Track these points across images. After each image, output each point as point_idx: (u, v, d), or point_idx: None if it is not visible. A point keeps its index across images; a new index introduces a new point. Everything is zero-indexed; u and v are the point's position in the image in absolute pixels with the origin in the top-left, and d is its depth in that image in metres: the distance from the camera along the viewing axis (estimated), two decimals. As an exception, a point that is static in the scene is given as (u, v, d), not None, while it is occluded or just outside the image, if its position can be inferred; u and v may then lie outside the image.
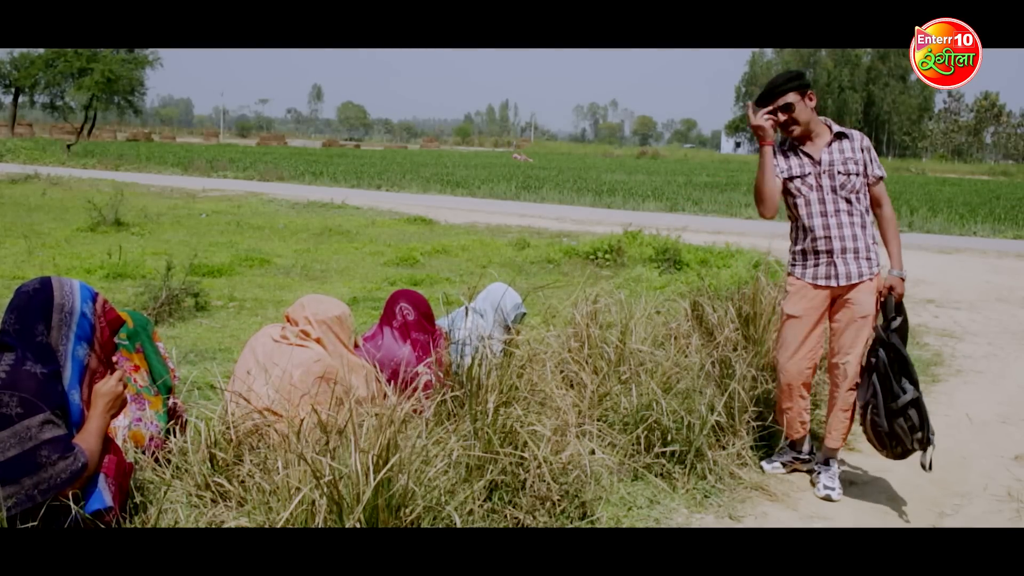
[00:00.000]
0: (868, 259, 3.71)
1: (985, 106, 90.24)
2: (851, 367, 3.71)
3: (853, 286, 3.71)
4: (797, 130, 3.72)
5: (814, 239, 3.74)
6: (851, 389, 3.73)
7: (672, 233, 10.12)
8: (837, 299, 3.76)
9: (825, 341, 4.12)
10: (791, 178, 3.78)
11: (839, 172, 3.69)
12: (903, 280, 3.73)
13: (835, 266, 3.72)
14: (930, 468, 3.54)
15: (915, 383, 3.58)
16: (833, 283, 3.73)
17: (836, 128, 3.76)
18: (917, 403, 3.55)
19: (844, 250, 3.70)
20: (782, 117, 3.71)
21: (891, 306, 3.70)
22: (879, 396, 3.60)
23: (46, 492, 2.37)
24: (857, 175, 3.70)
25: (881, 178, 3.76)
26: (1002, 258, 12.38)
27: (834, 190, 3.70)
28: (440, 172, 29.34)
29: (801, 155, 3.77)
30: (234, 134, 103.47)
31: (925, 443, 3.55)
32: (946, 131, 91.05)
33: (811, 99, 3.72)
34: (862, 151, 3.73)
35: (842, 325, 3.74)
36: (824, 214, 3.72)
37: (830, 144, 3.73)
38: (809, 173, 3.74)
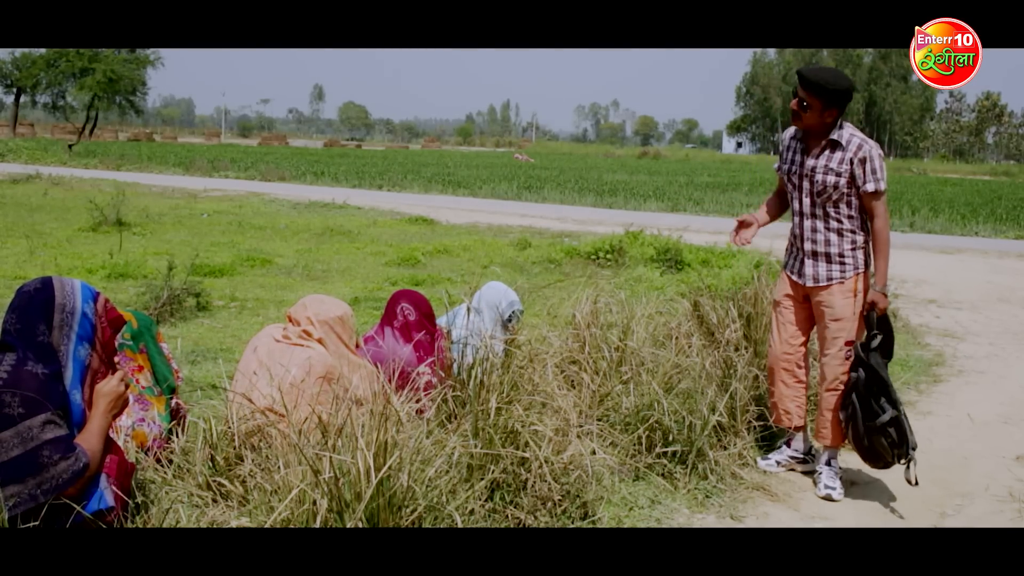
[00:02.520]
0: (841, 263, 3.70)
1: (987, 106, 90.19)
2: (828, 369, 3.75)
3: (823, 288, 3.73)
4: (799, 124, 3.74)
5: (793, 235, 3.87)
6: (830, 390, 3.75)
7: (673, 233, 10.12)
8: (812, 300, 3.80)
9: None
10: (785, 173, 3.86)
11: (817, 181, 3.68)
12: (886, 296, 3.67)
13: (804, 265, 3.79)
14: (916, 483, 3.57)
15: (894, 402, 3.57)
16: (800, 281, 3.81)
17: (835, 135, 3.64)
18: (897, 422, 3.56)
19: (815, 253, 3.75)
20: (795, 104, 3.70)
21: (873, 322, 3.67)
22: (858, 413, 3.63)
23: (48, 492, 2.38)
24: (836, 188, 3.63)
25: (874, 193, 3.61)
26: (1003, 258, 12.37)
27: (811, 195, 3.73)
28: (441, 172, 29.34)
29: (799, 153, 3.79)
30: (236, 134, 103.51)
31: (906, 458, 3.56)
32: (948, 131, 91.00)
33: (829, 116, 3.62)
34: (852, 163, 3.60)
35: (820, 328, 3.81)
36: (801, 215, 3.79)
37: (822, 151, 3.69)
38: (796, 173, 3.78)
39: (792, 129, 3.88)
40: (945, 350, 6.45)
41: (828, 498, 3.65)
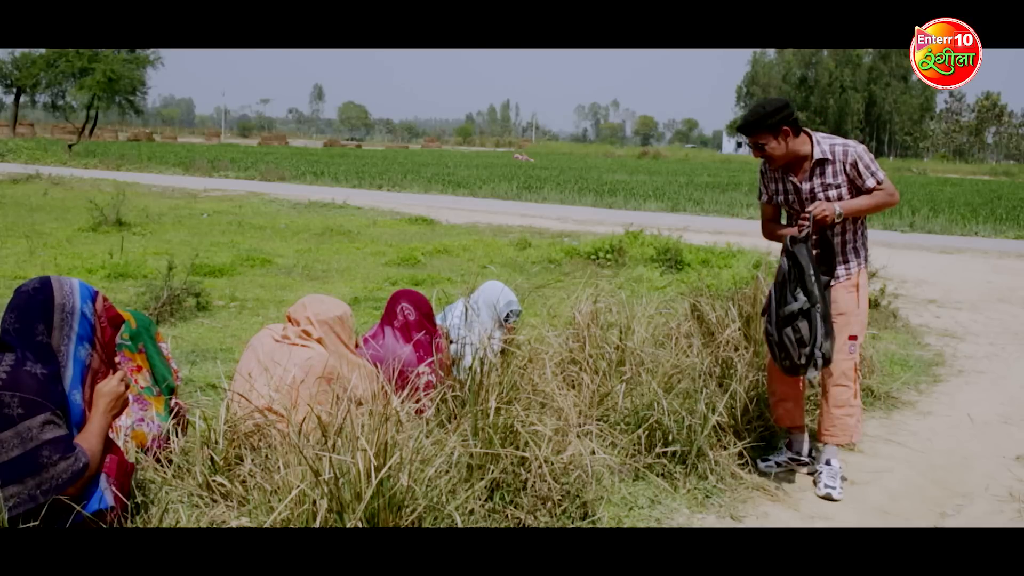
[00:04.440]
0: (845, 263, 3.72)
1: (987, 106, 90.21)
2: (834, 364, 3.70)
3: (827, 288, 3.71)
4: (775, 163, 3.74)
5: None
6: (838, 386, 3.72)
7: (673, 233, 10.12)
8: None
9: None
10: (779, 200, 3.85)
11: (820, 199, 3.67)
12: (834, 211, 3.55)
13: None
14: (815, 385, 3.50)
15: (810, 295, 3.49)
16: None
17: (818, 154, 3.65)
18: (808, 315, 3.49)
19: (818, 255, 3.71)
20: (756, 153, 3.73)
21: (811, 221, 3.57)
22: (772, 303, 3.62)
23: (48, 492, 2.38)
24: (840, 198, 3.64)
25: (877, 183, 3.62)
26: (1003, 258, 12.37)
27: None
28: (441, 172, 29.35)
29: (787, 181, 3.78)
30: (235, 134, 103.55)
31: (809, 360, 3.49)
32: (948, 131, 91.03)
33: (787, 134, 3.62)
34: (846, 172, 3.63)
35: None
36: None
37: (812, 173, 3.69)
38: (793, 200, 3.79)
39: (763, 167, 3.90)
40: (945, 350, 6.45)
41: (828, 498, 3.65)
